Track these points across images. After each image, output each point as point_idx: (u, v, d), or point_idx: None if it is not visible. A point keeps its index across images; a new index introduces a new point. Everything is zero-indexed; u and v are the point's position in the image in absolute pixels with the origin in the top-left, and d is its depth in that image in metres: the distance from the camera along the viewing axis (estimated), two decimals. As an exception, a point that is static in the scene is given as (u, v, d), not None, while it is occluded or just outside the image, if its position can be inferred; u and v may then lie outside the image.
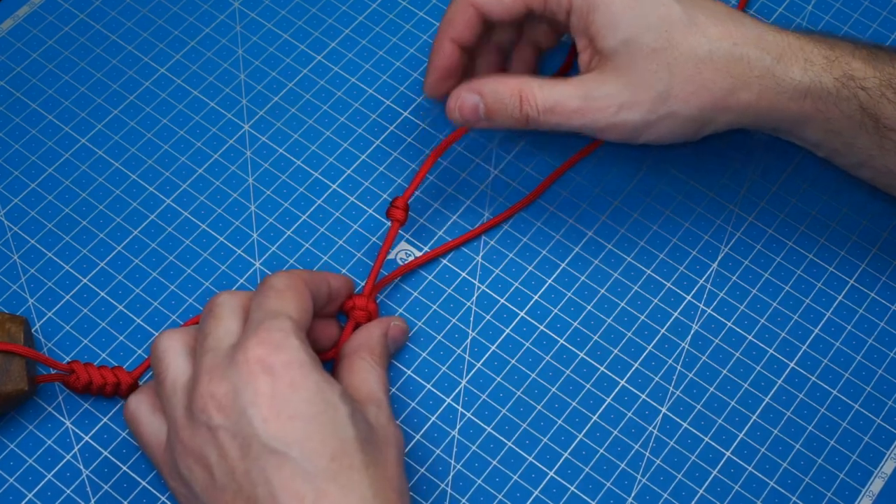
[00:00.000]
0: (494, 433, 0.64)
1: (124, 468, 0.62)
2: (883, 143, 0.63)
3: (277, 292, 0.58)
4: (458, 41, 0.66)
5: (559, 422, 0.64)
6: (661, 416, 0.64)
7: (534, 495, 0.62)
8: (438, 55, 0.67)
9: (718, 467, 0.63)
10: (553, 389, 0.65)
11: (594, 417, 0.64)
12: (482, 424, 0.64)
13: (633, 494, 0.62)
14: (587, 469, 0.63)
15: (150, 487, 0.62)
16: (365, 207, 0.70)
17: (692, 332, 0.67)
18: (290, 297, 0.58)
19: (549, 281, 0.68)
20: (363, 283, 0.67)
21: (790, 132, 0.65)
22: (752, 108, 0.63)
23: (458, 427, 0.64)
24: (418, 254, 0.68)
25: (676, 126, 0.63)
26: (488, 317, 0.67)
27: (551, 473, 0.63)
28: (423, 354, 0.66)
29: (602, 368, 0.66)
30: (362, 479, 0.54)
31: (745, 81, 0.62)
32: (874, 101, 0.62)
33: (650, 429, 0.64)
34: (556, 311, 0.67)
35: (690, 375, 0.66)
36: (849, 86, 0.62)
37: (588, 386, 0.65)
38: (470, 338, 0.66)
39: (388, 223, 0.69)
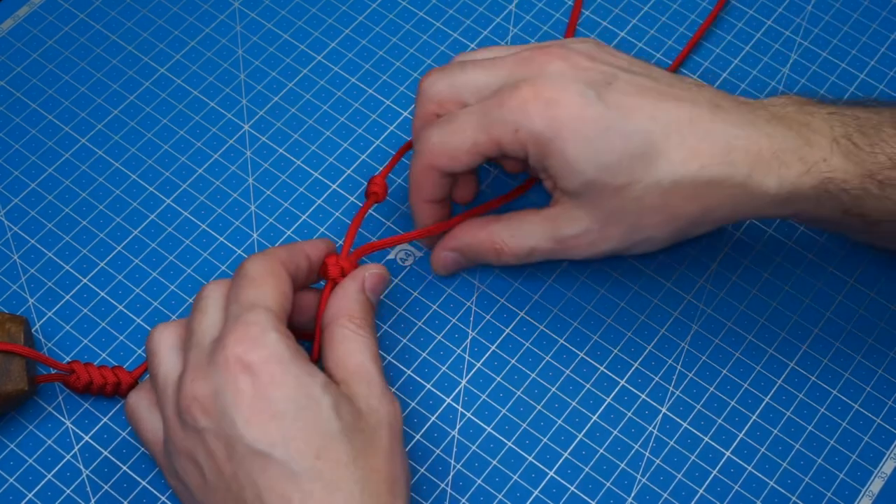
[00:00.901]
0: (494, 433, 0.64)
1: (124, 468, 0.62)
2: (873, 229, 0.61)
3: (252, 281, 0.57)
4: (431, 199, 0.64)
5: (559, 422, 0.64)
6: (661, 416, 0.64)
7: (534, 495, 0.62)
8: (421, 220, 0.66)
9: (718, 467, 0.63)
10: (553, 389, 0.65)
11: (594, 417, 0.64)
12: (482, 424, 0.64)
13: (633, 494, 0.62)
14: (587, 469, 0.63)
15: (150, 487, 0.62)
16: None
17: (692, 332, 0.67)
18: (265, 285, 0.57)
19: (549, 281, 0.68)
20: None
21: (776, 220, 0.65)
22: (730, 219, 0.62)
23: (458, 427, 0.64)
24: (419, 254, 0.68)
25: (652, 247, 0.63)
26: (488, 317, 0.67)
27: (551, 473, 0.63)
28: (423, 354, 0.66)
29: (602, 368, 0.66)
30: (349, 475, 0.53)
31: (717, 203, 0.60)
32: (857, 201, 0.60)
33: (650, 429, 0.64)
34: (555, 311, 0.67)
35: (690, 375, 0.66)
36: (829, 189, 0.59)
37: (588, 386, 0.65)
38: (470, 338, 0.66)
39: (389, 223, 0.69)
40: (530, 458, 0.63)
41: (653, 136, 0.59)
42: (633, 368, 0.66)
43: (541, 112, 0.60)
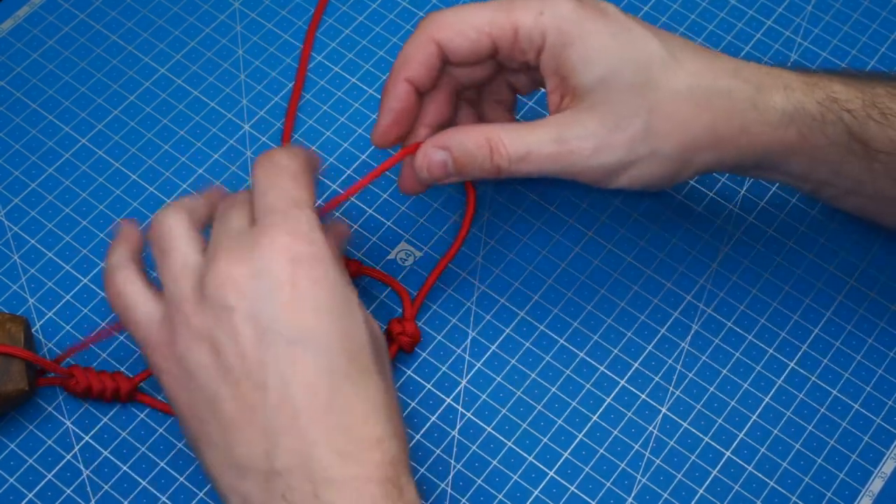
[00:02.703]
0: (494, 433, 0.64)
1: (124, 468, 0.62)
2: (873, 166, 0.61)
3: (294, 176, 0.56)
4: (413, 81, 0.61)
5: (559, 422, 0.64)
6: (661, 416, 0.64)
7: (534, 495, 0.62)
8: (391, 97, 0.62)
9: (718, 467, 0.63)
10: (553, 389, 0.65)
11: (594, 417, 0.64)
12: (482, 424, 0.64)
13: (633, 494, 0.62)
14: (587, 469, 0.63)
15: (150, 487, 0.62)
16: (365, 208, 0.70)
17: (692, 332, 0.67)
18: (307, 186, 0.56)
19: (549, 281, 0.68)
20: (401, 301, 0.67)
21: (773, 167, 0.62)
22: (734, 144, 0.60)
23: (458, 427, 0.64)
24: (419, 254, 0.68)
25: (654, 167, 0.60)
26: (488, 317, 0.67)
27: (551, 473, 0.63)
28: (424, 354, 0.66)
29: (602, 368, 0.66)
30: (375, 384, 0.53)
31: (726, 116, 0.60)
32: (860, 123, 0.60)
33: (650, 429, 0.64)
34: (556, 311, 0.67)
35: (690, 375, 0.66)
36: (833, 109, 0.60)
37: (588, 386, 0.65)
38: (470, 338, 0.66)
39: (389, 223, 0.69)
40: (530, 458, 0.63)
41: (670, 47, 0.60)
42: (633, 368, 0.66)
43: (567, 2, 0.60)
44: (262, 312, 0.52)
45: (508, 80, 0.65)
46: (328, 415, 0.52)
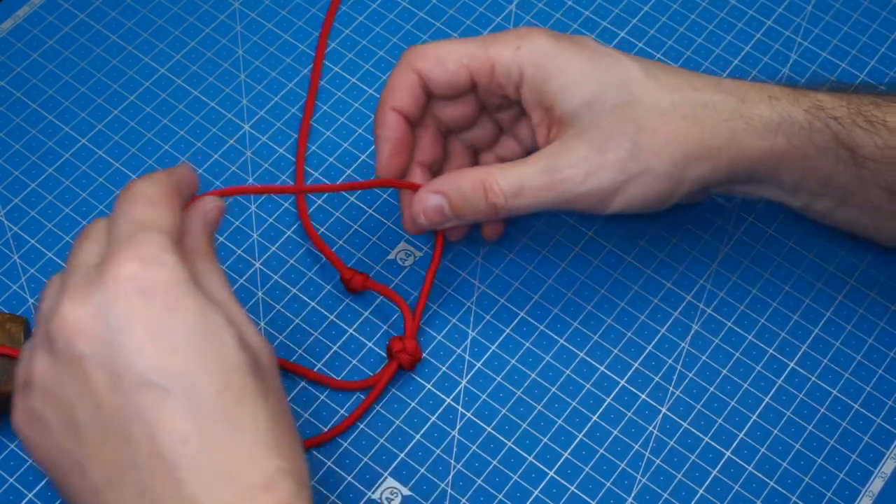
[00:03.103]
0: (494, 433, 0.64)
1: (124, 468, 0.62)
2: (862, 174, 0.61)
3: (148, 200, 0.50)
4: (400, 111, 0.62)
5: (559, 422, 0.64)
6: (661, 416, 0.64)
7: (534, 495, 0.62)
8: (384, 127, 0.63)
9: (718, 467, 0.63)
10: (553, 389, 0.65)
11: (594, 417, 0.64)
12: (482, 424, 0.64)
13: (633, 494, 0.62)
14: (587, 469, 0.63)
15: (150, 487, 0.62)
16: (365, 208, 0.70)
17: (692, 332, 0.67)
18: (162, 206, 0.50)
19: (549, 281, 0.68)
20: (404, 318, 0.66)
21: (765, 180, 0.62)
22: (725, 154, 0.60)
23: (458, 427, 0.64)
24: (419, 254, 0.68)
25: (648, 185, 0.60)
26: (488, 317, 0.67)
27: (551, 473, 0.63)
28: (424, 355, 0.66)
29: (602, 368, 0.66)
30: (258, 410, 0.47)
31: (713, 127, 0.60)
32: (847, 131, 0.60)
33: (650, 429, 0.64)
34: (556, 310, 0.67)
35: (690, 375, 0.66)
36: (819, 116, 0.60)
37: (588, 386, 0.65)
38: (470, 338, 0.66)
39: (389, 223, 0.69)
40: (530, 458, 0.63)
41: (647, 67, 0.61)
42: (633, 368, 0.66)
43: (543, 36, 0.61)
44: (115, 355, 0.47)
45: (494, 118, 0.66)
46: (205, 464, 0.46)
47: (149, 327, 0.47)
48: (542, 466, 0.63)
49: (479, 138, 0.66)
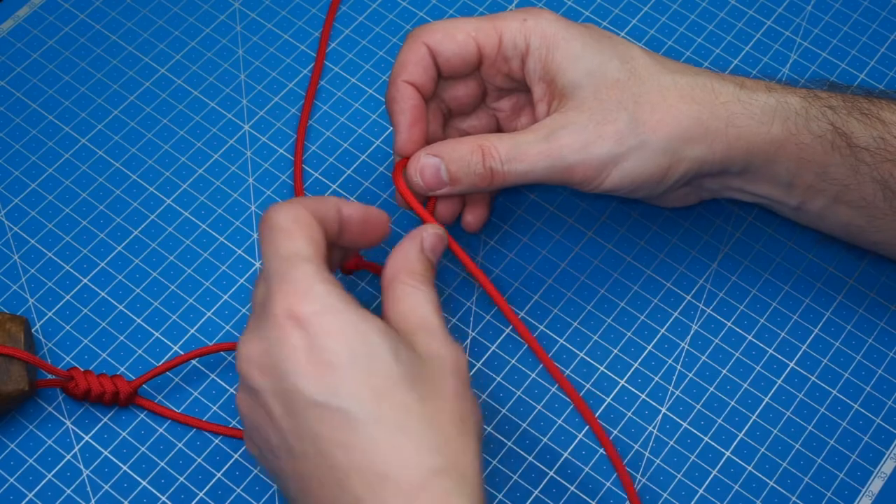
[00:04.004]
0: (494, 433, 0.64)
1: (124, 468, 0.62)
2: (858, 166, 0.61)
3: (283, 231, 0.55)
4: (413, 83, 0.63)
5: (559, 421, 0.64)
6: (661, 416, 0.64)
7: (533, 495, 0.62)
8: (400, 100, 0.63)
9: (718, 467, 0.63)
10: (553, 389, 0.65)
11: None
12: (482, 424, 0.64)
13: (633, 494, 0.62)
14: (587, 469, 0.63)
15: (150, 487, 0.62)
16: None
17: (692, 332, 0.67)
18: (297, 234, 0.55)
19: (549, 281, 0.68)
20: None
21: (759, 171, 0.63)
22: (722, 136, 0.61)
23: (458, 427, 0.64)
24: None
25: (644, 160, 0.60)
26: (488, 317, 0.67)
27: (551, 473, 0.63)
28: (423, 354, 0.66)
29: (602, 368, 0.66)
30: (414, 416, 0.52)
31: (711, 108, 0.61)
32: (843, 119, 0.61)
33: (650, 429, 0.64)
34: (556, 311, 0.67)
35: (690, 375, 0.66)
36: (815, 104, 0.61)
37: (588, 386, 0.65)
38: (470, 338, 0.66)
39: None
40: (530, 458, 0.63)
41: (648, 52, 0.63)
42: (633, 368, 0.66)
43: (548, 12, 0.63)
44: (284, 384, 0.52)
45: (492, 109, 0.66)
46: (366, 468, 0.51)
47: (309, 354, 0.52)
48: (541, 466, 0.63)
49: (477, 128, 0.67)
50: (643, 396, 0.65)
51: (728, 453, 0.63)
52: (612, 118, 0.60)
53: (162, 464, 0.63)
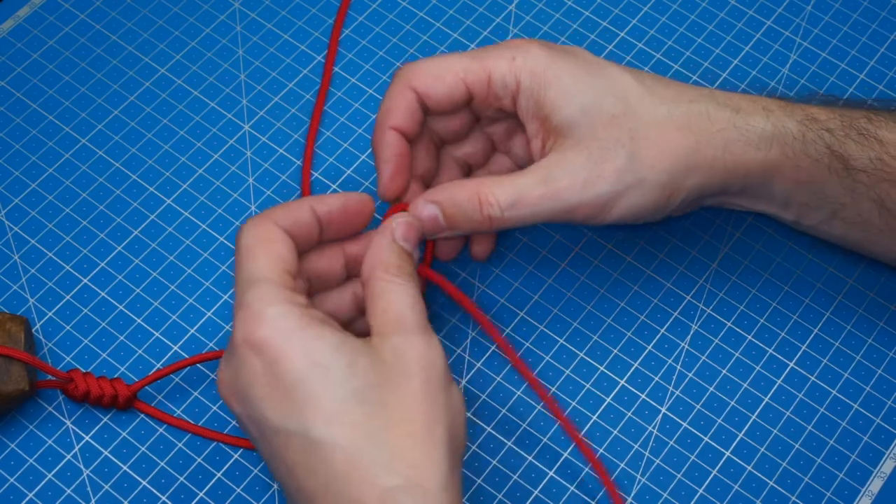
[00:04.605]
0: (494, 433, 0.64)
1: (124, 468, 0.62)
2: (855, 186, 0.61)
3: (246, 252, 0.56)
4: (399, 129, 0.62)
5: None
6: (660, 416, 0.64)
7: (533, 495, 0.62)
8: (384, 147, 0.62)
9: (718, 467, 0.63)
10: (553, 389, 0.65)
11: (594, 417, 0.64)
12: (482, 424, 0.64)
13: (632, 494, 0.62)
14: (587, 469, 0.63)
15: (150, 487, 0.62)
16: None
17: (692, 332, 0.67)
18: (258, 254, 0.56)
19: (549, 281, 0.68)
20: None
21: (758, 192, 0.63)
22: (719, 164, 0.61)
23: (458, 427, 0.64)
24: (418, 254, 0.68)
25: (644, 195, 0.60)
26: (488, 317, 0.67)
27: (551, 473, 0.63)
28: (423, 354, 0.66)
29: (602, 368, 0.66)
30: (364, 438, 0.52)
31: (708, 137, 0.60)
32: (840, 142, 0.61)
33: (650, 429, 0.64)
34: (555, 311, 0.67)
35: (690, 375, 0.66)
36: (812, 128, 0.61)
37: (588, 386, 0.65)
38: (470, 338, 0.66)
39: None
40: (530, 458, 0.63)
41: (641, 79, 0.62)
42: (633, 368, 0.66)
43: (537, 46, 0.61)
44: (253, 411, 0.54)
45: (486, 132, 0.66)
46: (332, 490, 0.52)
47: (266, 380, 0.53)
48: (541, 466, 0.63)
49: (472, 154, 0.66)
50: (643, 396, 0.65)
51: (728, 453, 0.63)
52: (611, 156, 0.60)
53: (162, 464, 0.63)
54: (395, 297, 0.56)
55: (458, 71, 0.61)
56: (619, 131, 0.60)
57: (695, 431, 0.64)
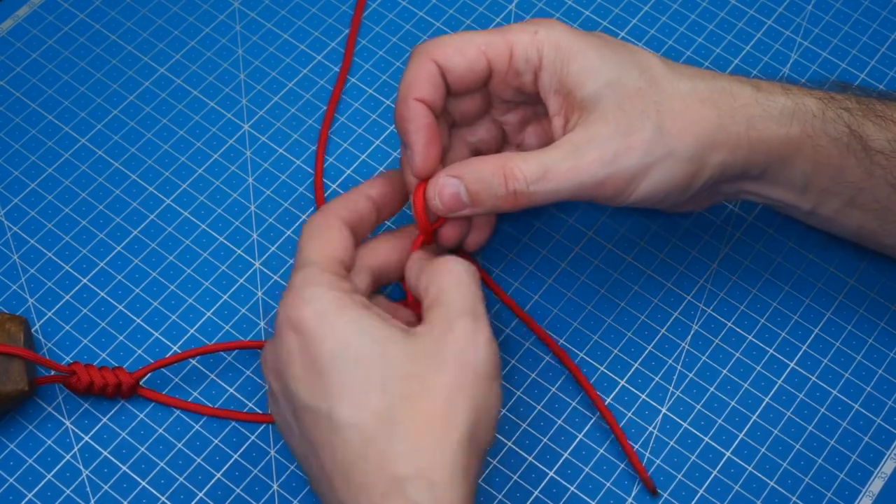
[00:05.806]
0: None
1: (124, 468, 0.62)
2: (872, 169, 0.61)
3: (302, 241, 0.59)
4: (424, 101, 0.60)
5: (559, 422, 0.64)
6: (661, 416, 0.64)
7: (533, 495, 0.62)
8: (412, 120, 0.60)
9: (719, 467, 0.63)
10: (553, 389, 0.65)
11: (594, 417, 0.64)
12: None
13: (633, 494, 0.62)
14: (587, 469, 0.63)
15: (149, 487, 0.62)
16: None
17: (692, 332, 0.67)
18: (311, 241, 0.58)
19: (549, 281, 0.68)
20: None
21: (777, 175, 0.62)
22: (743, 141, 0.60)
23: (458, 427, 0.64)
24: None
25: (672, 169, 0.59)
26: (488, 317, 0.67)
27: (551, 473, 0.63)
28: (423, 354, 0.66)
29: (602, 368, 0.66)
30: (386, 425, 0.53)
31: (731, 112, 0.60)
32: (859, 122, 0.61)
33: (650, 429, 0.64)
34: (556, 311, 0.67)
35: (690, 375, 0.66)
36: (832, 106, 0.61)
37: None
38: (470, 338, 0.66)
39: (387, 223, 0.69)
40: (530, 458, 0.63)
41: (662, 58, 0.62)
42: (633, 368, 0.66)
43: (558, 23, 0.61)
44: (287, 388, 0.55)
45: (498, 122, 0.65)
46: (348, 474, 0.53)
47: (302, 360, 0.54)
48: (541, 466, 0.63)
49: (485, 142, 0.65)
50: (643, 396, 0.65)
51: (728, 453, 0.63)
52: (638, 128, 0.59)
53: (162, 464, 0.63)
54: (443, 281, 0.57)
55: (480, 44, 0.61)
56: (644, 104, 0.59)
57: (695, 432, 0.64)
